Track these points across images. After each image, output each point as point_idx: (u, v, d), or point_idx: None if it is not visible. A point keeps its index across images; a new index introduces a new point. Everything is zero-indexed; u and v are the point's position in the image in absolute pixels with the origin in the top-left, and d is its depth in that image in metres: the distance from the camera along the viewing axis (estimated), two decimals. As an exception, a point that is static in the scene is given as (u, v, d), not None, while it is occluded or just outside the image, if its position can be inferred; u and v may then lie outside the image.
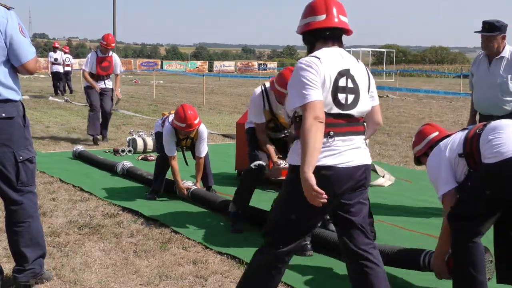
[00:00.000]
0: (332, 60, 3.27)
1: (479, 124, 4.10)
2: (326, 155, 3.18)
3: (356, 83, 3.34)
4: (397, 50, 76.27)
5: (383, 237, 5.47)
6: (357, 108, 3.32)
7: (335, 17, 3.38)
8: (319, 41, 3.39)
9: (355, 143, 3.30)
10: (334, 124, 3.23)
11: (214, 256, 4.88)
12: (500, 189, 3.63)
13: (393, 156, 10.36)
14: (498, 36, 5.93)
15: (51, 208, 6.25)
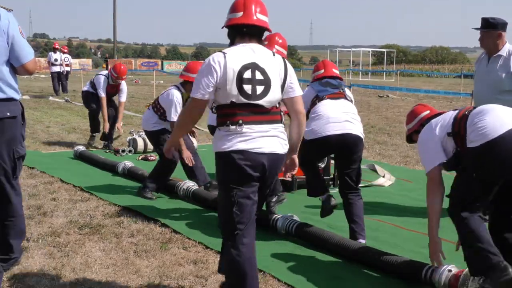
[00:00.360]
0: (239, 55, 3.59)
1: (469, 106, 4.25)
2: (239, 141, 3.52)
3: (266, 75, 3.61)
4: (397, 50, 76.23)
5: (384, 237, 5.47)
6: (266, 98, 3.60)
7: (253, 15, 3.67)
8: (237, 36, 3.72)
9: (269, 132, 3.60)
10: (243, 114, 3.55)
11: (215, 256, 4.88)
12: (485, 171, 3.82)
13: (393, 156, 10.36)
14: (494, 32, 5.89)
15: (51, 208, 6.26)
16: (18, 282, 4.20)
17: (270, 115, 3.64)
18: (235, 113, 3.55)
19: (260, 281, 4.30)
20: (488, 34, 5.93)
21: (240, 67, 3.56)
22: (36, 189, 7.09)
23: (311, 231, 5.26)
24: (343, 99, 5.37)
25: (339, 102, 5.32)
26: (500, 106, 4.06)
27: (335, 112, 5.18)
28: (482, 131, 3.81)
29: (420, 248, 5.16)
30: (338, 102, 5.31)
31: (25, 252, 4.80)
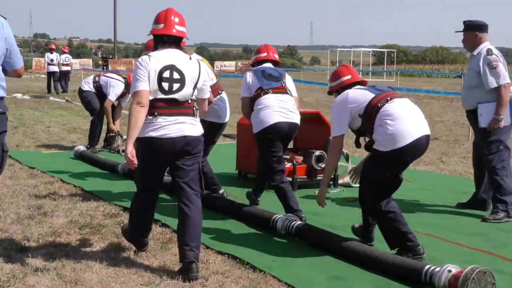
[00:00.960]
0: (161, 58, 4.45)
1: (385, 96, 4.78)
2: (150, 130, 4.38)
3: (182, 75, 4.47)
4: (398, 50, 76.20)
5: (382, 237, 5.46)
6: (180, 93, 4.45)
7: (172, 27, 4.55)
8: (160, 43, 4.60)
9: (178, 120, 4.43)
10: (159, 106, 4.40)
11: (215, 256, 4.88)
12: (395, 170, 4.71)
13: (393, 156, 10.35)
14: (470, 34, 6.39)
15: (52, 208, 6.26)
16: (19, 282, 4.20)
17: (183, 109, 4.48)
18: (154, 106, 4.39)
19: (260, 282, 4.32)
20: (466, 35, 6.47)
21: (160, 67, 4.41)
22: (37, 189, 7.10)
23: (311, 231, 5.26)
24: (285, 94, 6.05)
25: (283, 96, 5.99)
26: (407, 110, 4.71)
27: (280, 104, 5.90)
28: (391, 138, 4.57)
29: (420, 248, 5.16)
30: (281, 96, 5.98)
31: (25, 252, 4.81)
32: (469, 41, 6.44)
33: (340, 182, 7.71)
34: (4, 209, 6.18)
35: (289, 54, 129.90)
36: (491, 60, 6.20)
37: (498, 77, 6.14)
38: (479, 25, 6.41)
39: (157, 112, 4.39)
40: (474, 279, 3.95)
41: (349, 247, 4.84)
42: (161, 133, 4.38)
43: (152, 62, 4.42)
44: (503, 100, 6.13)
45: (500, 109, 6.13)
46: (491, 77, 6.16)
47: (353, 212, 6.41)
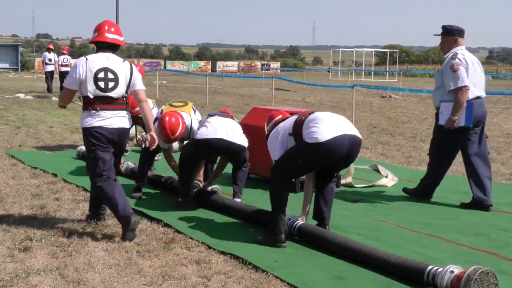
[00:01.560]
0: (97, 60, 5.34)
1: (305, 112, 5.49)
2: (97, 120, 5.29)
3: (116, 75, 5.35)
4: (400, 50, 76.18)
5: (385, 237, 5.48)
6: (115, 91, 5.34)
7: (104, 35, 5.43)
8: (98, 48, 5.49)
9: (118, 114, 5.38)
10: (100, 102, 5.29)
11: (217, 256, 4.89)
12: (308, 161, 5.22)
13: (396, 157, 10.36)
14: (450, 38, 6.82)
15: (54, 207, 6.27)
16: (21, 282, 4.21)
17: (119, 104, 5.40)
18: (94, 102, 5.28)
19: (263, 282, 4.32)
20: (444, 39, 6.89)
21: (96, 69, 5.28)
22: (39, 189, 7.11)
23: (313, 231, 5.26)
24: (230, 118, 6.61)
25: (226, 120, 6.52)
26: (330, 117, 5.32)
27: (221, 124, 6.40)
28: (315, 135, 5.10)
29: (421, 248, 5.16)
30: (225, 119, 6.52)
31: (28, 252, 4.82)
32: (446, 45, 6.84)
33: (343, 182, 7.71)
34: (7, 209, 6.19)
35: (292, 54, 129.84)
36: (453, 63, 6.55)
37: (457, 80, 6.48)
38: (459, 30, 6.82)
39: (99, 107, 5.29)
40: (476, 280, 3.95)
41: (351, 247, 4.85)
42: (106, 123, 5.32)
43: (88, 65, 5.30)
44: (458, 102, 6.46)
45: (454, 110, 6.49)
46: (450, 79, 6.54)
47: (355, 212, 6.42)
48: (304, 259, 4.86)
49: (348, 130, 5.22)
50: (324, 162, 5.27)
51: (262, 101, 22.98)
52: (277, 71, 58.27)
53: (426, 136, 13.30)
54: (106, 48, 5.46)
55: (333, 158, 5.20)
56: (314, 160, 5.22)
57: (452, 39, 6.80)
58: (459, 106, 6.48)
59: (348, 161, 5.42)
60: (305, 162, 5.23)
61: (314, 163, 5.29)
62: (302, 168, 5.37)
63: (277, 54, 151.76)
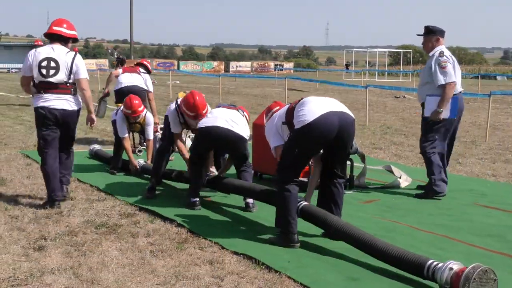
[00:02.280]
0: (43, 51, 6.30)
1: (296, 100, 5.50)
2: (41, 101, 6.27)
3: (57, 64, 6.26)
4: (414, 51, 75.77)
5: (399, 238, 5.44)
6: (55, 77, 6.25)
7: (50, 28, 6.40)
8: (49, 40, 6.45)
9: (61, 97, 6.31)
10: (44, 87, 6.26)
11: (231, 256, 4.89)
12: (303, 146, 5.18)
13: (409, 157, 10.32)
14: (432, 37, 7.34)
15: (68, 207, 6.30)
16: (36, 281, 4.24)
17: (61, 89, 6.30)
18: (39, 86, 6.27)
19: (276, 282, 4.32)
20: (427, 38, 7.40)
21: (40, 58, 6.24)
22: (54, 189, 7.13)
23: (313, 213, 5.29)
24: (235, 110, 6.74)
25: (230, 111, 6.67)
26: (317, 98, 5.38)
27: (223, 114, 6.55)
28: (302, 118, 5.13)
29: (435, 249, 5.13)
30: (229, 110, 6.68)
31: (42, 251, 4.85)
32: (429, 44, 7.38)
33: (356, 183, 7.69)
34: (22, 208, 6.23)
35: (305, 55, 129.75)
36: (441, 60, 7.13)
37: (446, 76, 7.06)
38: (441, 30, 7.38)
39: (43, 90, 6.27)
40: (475, 279, 3.93)
41: (352, 235, 4.85)
42: (48, 104, 6.26)
43: (35, 55, 6.28)
44: (446, 96, 7.05)
45: (442, 103, 7.07)
46: (440, 75, 7.08)
47: (369, 213, 6.40)
48: (317, 259, 4.84)
49: (336, 108, 5.23)
50: (317, 143, 5.23)
51: (275, 102, 22.93)
52: (290, 71, 58.21)
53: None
54: (55, 40, 6.38)
55: (325, 137, 5.13)
56: (308, 144, 5.17)
57: (434, 38, 7.33)
58: (447, 100, 7.06)
59: (343, 141, 5.26)
60: (301, 149, 5.20)
61: (308, 147, 5.22)
62: (301, 157, 5.27)
63: (290, 54, 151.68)
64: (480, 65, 69.36)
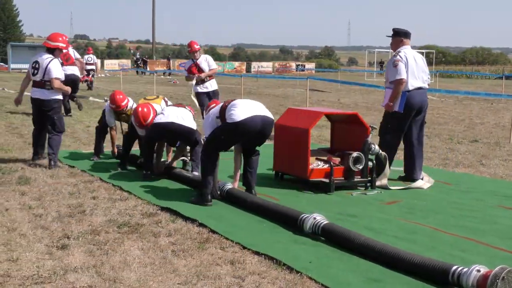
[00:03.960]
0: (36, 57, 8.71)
1: (229, 100, 6.91)
2: (31, 92, 8.67)
3: (39, 66, 8.53)
4: (437, 51, 75.26)
5: (421, 240, 5.41)
6: (37, 76, 8.57)
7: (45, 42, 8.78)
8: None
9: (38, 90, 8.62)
10: (33, 83, 8.68)
11: (252, 256, 4.89)
12: (229, 137, 6.68)
13: (432, 158, 10.24)
14: (397, 39, 8.11)
15: (91, 206, 6.35)
16: (59, 279, 4.28)
17: (40, 84, 8.58)
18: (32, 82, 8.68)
19: (297, 283, 4.31)
20: (394, 39, 8.14)
21: (32, 62, 8.65)
22: (77, 188, 7.21)
23: (335, 231, 5.24)
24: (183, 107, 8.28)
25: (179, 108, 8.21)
26: (245, 101, 6.86)
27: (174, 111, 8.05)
28: (233, 117, 6.52)
29: (458, 252, 5.09)
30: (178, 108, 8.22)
31: (66, 250, 4.90)
32: (394, 44, 8.14)
33: (378, 184, 7.65)
34: (45, 207, 6.30)
35: (327, 55, 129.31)
36: (394, 60, 7.91)
37: (395, 73, 7.83)
38: (405, 32, 8.14)
39: (33, 86, 8.69)
40: (504, 278, 3.89)
41: (375, 247, 4.81)
42: (32, 95, 8.70)
43: (32, 59, 8.76)
44: (394, 91, 7.86)
45: (392, 98, 7.89)
46: (391, 73, 7.91)
47: (391, 215, 6.36)
48: (338, 260, 4.83)
49: (260, 112, 6.71)
50: (241, 137, 6.69)
51: (297, 102, 22.94)
52: (311, 72, 58.09)
53: (463, 138, 13.14)
54: (47, 49, 8.72)
55: (248, 134, 6.61)
56: (233, 136, 6.66)
57: (398, 40, 8.09)
58: (395, 94, 7.87)
59: (263, 137, 6.77)
60: (226, 138, 6.67)
61: (233, 138, 6.71)
62: (225, 143, 6.76)
63: (312, 54, 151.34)
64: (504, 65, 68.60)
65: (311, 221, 5.43)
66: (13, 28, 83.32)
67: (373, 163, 7.61)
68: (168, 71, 47.17)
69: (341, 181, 7.49)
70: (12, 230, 5.40)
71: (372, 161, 7.61)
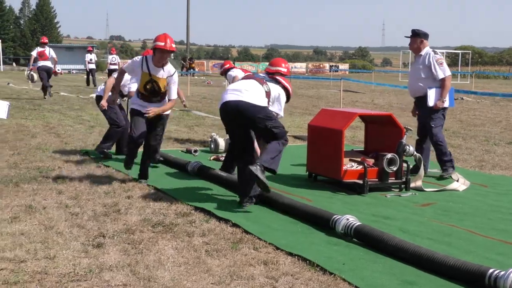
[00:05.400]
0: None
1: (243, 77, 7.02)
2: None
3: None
4: (473, 52, 74.23)
5: (457, 243, 5.35)
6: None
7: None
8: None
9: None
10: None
11: (285, 257, 4.89)
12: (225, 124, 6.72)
13: (468, 160, 10.11)
14: (417, 39, 8.43)
15: (126, 205, 6.42)
16: (95, 277, 4.33)
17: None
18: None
19: (330, 284, 4.30)
20: (413, 40, 8.48)
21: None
22: (112, 187, 7.29)
23: (368, 233, 5.21)
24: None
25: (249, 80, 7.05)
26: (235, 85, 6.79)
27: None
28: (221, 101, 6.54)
29: (495, 255, 5.01)
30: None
31: (101, 248, 4.96)
32: (415, 45, 8.46)
33: (412, 185, 7.58)
34: (82, 205, 6.39)
35: (360, 56, 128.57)
36: (437, 58, 8.33)
37: (444, 70, 8.31)
38: (424, 33, 8.47)
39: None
40: None
41: (409, 249, 4.77)
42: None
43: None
44: (447, 88, 8.31)
45: (443, 94, 8.29)
46: (439, 70, 8.27)
47: (425, 217, 6.30)
48: (372, 262, 4.80)
49: (237, 97, 6.41)
50: (227, 121, 6.64)
51: (330, 103, 22.86)
52: (345, 73, 57.81)
53: (500, 139, 12.93)
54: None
55: (229, 118, 6.55)
56: (223, 120, 6.72)
57: (419, 40, 8.43)
58: (448, 90, 8.32)
59: (247, 120, 6.38)
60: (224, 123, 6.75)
61: (224, 121, 6.73)
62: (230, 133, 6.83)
63: (345, 55, 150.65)
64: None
65: (344, 222, 5.42)
66: (50, 30, 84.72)
67: (408, 164, 7.54)
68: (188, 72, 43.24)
69: (375, 182, 7.44)
70: (50, 228, 5.49)
71: (407, 162, 7.55)
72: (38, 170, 8.25)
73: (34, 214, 5.96)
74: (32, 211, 6.06)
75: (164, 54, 7.37)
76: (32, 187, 7.15)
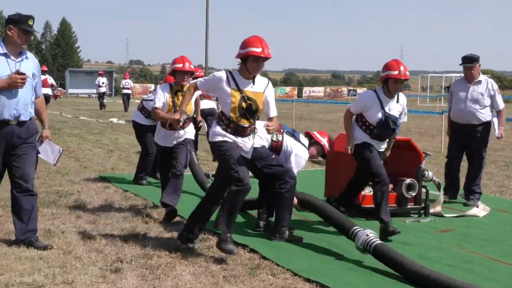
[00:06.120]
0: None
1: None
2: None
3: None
4: (492, 75, 73.71)
5: (478, 270, 5.28)
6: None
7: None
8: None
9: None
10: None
11: (303, 283, 4.86)
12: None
13: (488, 186, 10.00)
14: (474, 66, 8.20)
15: (144, 230, 6.42)
16: (112, 303, 4.33)
17: None
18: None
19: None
20: (476, 67, 8.22)
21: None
22: (130, 212, 7.31)
23: (387, 253, 5.16)
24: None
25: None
26: None
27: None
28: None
29: (517, 283, 4.94)
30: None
31: (119, 273, 4.96)
32: (474, 71, 8.20)
33: (432, 211, 7.51)
34: (100, 230, 6.40)
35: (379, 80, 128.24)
36: (497, 87, 8.33)
37: (501, 100, 8.33)
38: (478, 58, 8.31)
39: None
40: None
41: (425, 275, 4.73)
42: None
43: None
44: (505, 116, 8.43)
45: (503, 123, 8.41)
46: (500, 100, 8.27)
47: (445, 243, 6.23)
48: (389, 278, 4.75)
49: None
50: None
51: (349, 127, 22.76)
52: (364, 97, 57.56)
53: (521, 164, 12.79)
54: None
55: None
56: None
57: (478, 66, 8.29)
58: (505, 119, 8.46)
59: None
60: None
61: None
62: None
63: (363, 79, 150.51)
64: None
65: (363, 237, 5.37)
66: (71, 54, 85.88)
67: (427, 189, 7.48)
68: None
69: (394, 208, 7.38)
70: (68, 253, 5.51)
71: (426, 188, 7.49)
72: (57, 194, 8.31)
73: (52, 238, 5.98)
74: (51, 235, 6.09)
75: (183, 75, 7.21)
76: (51, 211, 7.20)
